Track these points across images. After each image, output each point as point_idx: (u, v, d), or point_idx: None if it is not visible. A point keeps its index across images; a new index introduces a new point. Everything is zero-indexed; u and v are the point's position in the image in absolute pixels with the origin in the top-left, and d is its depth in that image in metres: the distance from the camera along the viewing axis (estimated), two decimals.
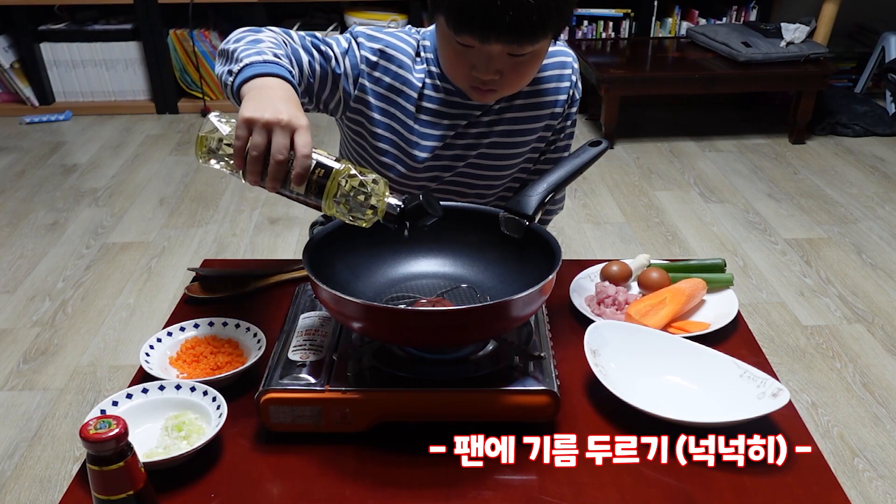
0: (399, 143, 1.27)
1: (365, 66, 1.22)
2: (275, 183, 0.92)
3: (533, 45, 1.09)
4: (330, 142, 3.59)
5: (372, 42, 1.22)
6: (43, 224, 2.88)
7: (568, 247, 2.72)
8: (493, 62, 1.11)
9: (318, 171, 0.91)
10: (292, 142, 0.90)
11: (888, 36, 3.86)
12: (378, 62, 1.22)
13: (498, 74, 1.12)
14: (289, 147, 0.90)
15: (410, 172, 1.30)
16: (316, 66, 1.16)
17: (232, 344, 1.12)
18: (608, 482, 0.91)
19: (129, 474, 0.77)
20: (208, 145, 0.94)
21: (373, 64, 1.22)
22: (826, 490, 0.91)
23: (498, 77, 1.13)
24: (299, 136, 0.90)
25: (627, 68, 3.65)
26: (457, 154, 1.30)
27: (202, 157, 0.96)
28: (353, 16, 3.85)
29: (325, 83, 1.20)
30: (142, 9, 3.75)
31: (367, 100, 1.24)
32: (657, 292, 1.22)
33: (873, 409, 1.96)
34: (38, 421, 1.91)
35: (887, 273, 2.58)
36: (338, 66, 1.20)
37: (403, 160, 1.28)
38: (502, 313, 0.94)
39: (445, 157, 1.30)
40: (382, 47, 1.22)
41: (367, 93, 1.23)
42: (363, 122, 1.27)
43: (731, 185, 3.22)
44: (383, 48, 1.22)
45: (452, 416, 0.97)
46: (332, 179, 0.91)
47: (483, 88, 1.15)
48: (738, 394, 0.99)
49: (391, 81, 1.23)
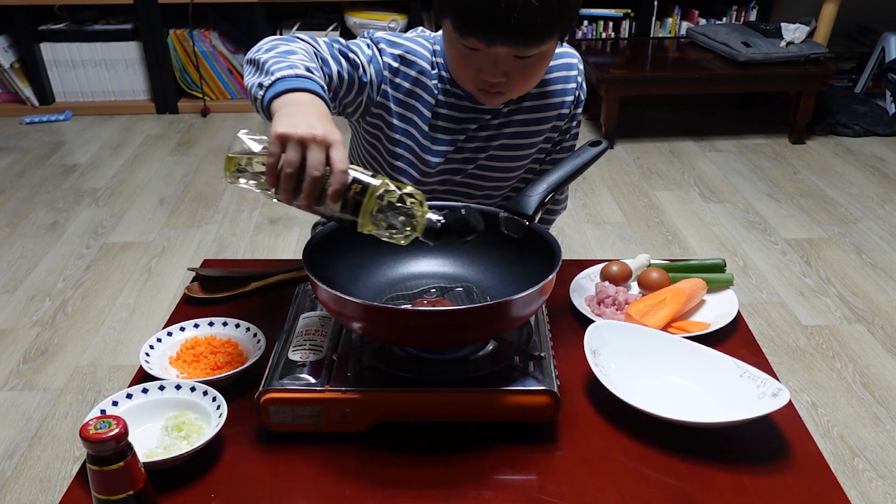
0: (414, 148, 1.27)
1: (387, 73, 1.22)
2: (310, 200, 0.88)
3: (539, 46, 1.09)
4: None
5: (393, 48, 1.22)
6: (43, 224, 2.88)
7: (568, 247, 2.72)
8: (500, 65, 1.11)
9: (354, 187, 0.87)
10: (327, 157, 0.87)
11: (888, 36, 3.86)
12: (399, 68, 1.22)
13: (505, 77, 1.12)
14: (324, 163, 0.86)
15: (422, 177, 1.30)
16: (344, 74, 1.15)
17: (232, 344, 1.12)
18: (608, 482, 0.92)
19: (129, 474, 0.77)
20: (238, 164, 0.91)
21: (394, 70, 1.22)
22: (826, 490, 0.91)
23: (505, 79, 1.13)
24: (335, 151, 0.87)
25: (627, 68, 3.65)
26: (467, 157, 1.30)
27: (230, 177, 0.92)
28: (353, 16, 3.85)
29: (351, 90, 1.18)
30: (142, 9, 3.75)
31: (388, 105, 1.24)
32: (657, 292, 1.22)
33: (873, 409, 1.96)
34: (38, 421, 1.91)
35: (887, 273, 2.58)
36: (364, 75, 1.19)
37: (417, 165, 1.29)
38: (502, 313, 0.94)
39: (456, 161, 1.30)
40: (403, 53, 1.22)
41: (388, 99, 1.23)
42: (382, 127, 1.27)
43: (731, 185, 3.22)
44: (403, 54, 1.22)
45: (452, 416, 0.97)
46: (369, 195, 0.87)
47: (491, 91, 1.15)
48: (738, 394, 0.99)
49: (411, 87, 1.23)
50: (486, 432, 0.98)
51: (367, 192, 0.87)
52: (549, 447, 0.96)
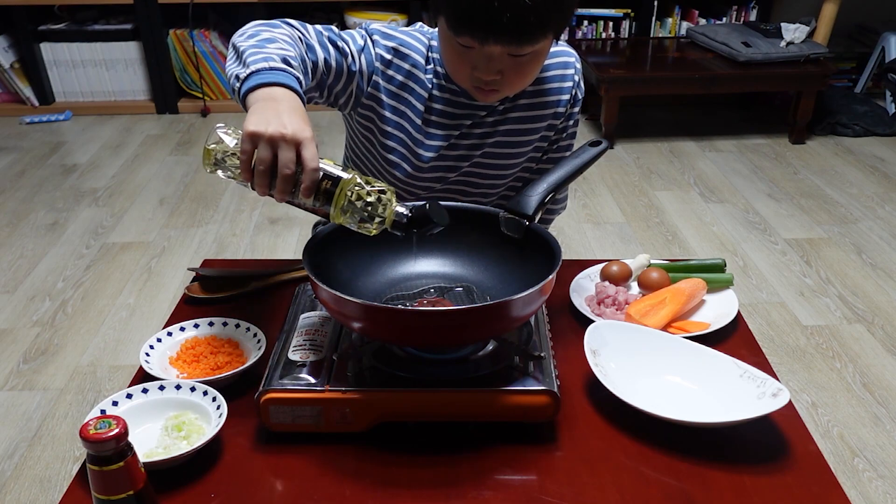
0: (407, 141, 1.27)
1: (379, 64, 1.22)
2: (283, 195, 0.92)
3: (532, 45, 1.09)
4: (330, 142, 3.59)
5: (387, 40, 1.22)
6: (43, 224, 2.88)
7: (568, 247, 2.72)
8: (494, 63, 1.11)
9: (325, 183, 0.92)
10: (299, 155, 0.90)
11: (888, 36, 3.86)
12: (392, 60, 1.22)
13: (499, 75, 1.13)
14: (295, 160, 0.90)
15: (416, 172, 1.30)
16: (332, 62, 1.16)
17: (232, 344, 1.12)
18: (608, 482, 0.92)
19: (129, 474, 0.76)
20: (214, 157, 0.95)
21: (387, 62, 1.22)
22: (826, 490, 0.91)
23: (499, 77, 1.13)
24: (305, 148, 0.90)
25: (627, 68, 3.65)
26: (461, 154, 1.30)
27: (209, 168, 0.96)
28: (353, 16, 3.85)
29: (340, 78, 1.19)
30: (142, 9, 3.75)
31: (379, 97, 1.24)
32: (657, 292, 1.22)
33: (873, 409, 1.96)
34: (38, 421, 1.91)
35: (887, 273, 2.58)
36: (353, 64, 1.19)
37: (410, 159, 1.29)
38: (502, 313, 0.94)
39: (450, 158, 1.30)
40: (397, 45, 1.22)
41: (379, 90, 1.23)
42: (374, 119, 1.27)
43: (731, 185, 3.22)
44: (397, 46, 1.22)
45: (452, 416, 0.97)
46: (339, 190, 0.92)
47: (485, 89, 1.16)
48: (738, 394, 0.99)
49: (403, 80, 1.24)
50: (486, 432, 0.98)
51: (338, 187, 0.92)
52: (549, 447, 0.96)
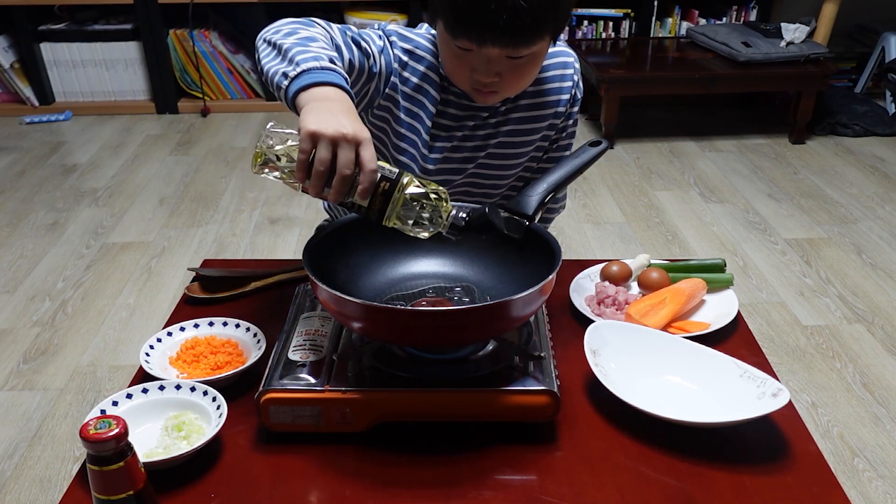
0: (418, 143, 1.28)
1: (397, 66, 1.23)
2: (339, 196, 0.91)
3: (529, 47, 1.10)
4: None
5: (403, 42, 1.23)
6: (43, 224, 2.88)
7: (568, 247, 2.72)
8: (492, 65, 1.12)
9: (382, 185, 0.91)
10: (357, 155, 0.90)
11: (888, 36, 3.86)
12: (408, 62, 1.23)
13: (497, 77, 1.13)
14: (354, 161, 0.90)
15: (423, 175, 1.30)
16: (356, 62, 1.16)
17: (232, 344, 1.12)
18: (608, 482, 0.92)
19: (129, 474, 0.77)
20: (266, 157, 0.93)
21: (403, 63, 1.23)
22: (826, 490, 0.91)
23: (498, 79, 1.14)
24: (364, 149, 0.90)
25: (627, 68, 3.65)
26: (466, 157, 1.31)
27: (257, 168, 0.95)
28: (353, 16, 3.85)
29: (360, 78, 1.19)
30: (142, 9, 3.75)
31: (396, 98, 1.25)
32: (657, 292, 1.22)
33: (873, 409, 1.96)
34: (38, 421, 1.91)
35: (887, 273, 2.58)
36: (375, 65, 1.20)
37: (419, 161, 1.29)
38: (502, 313, 0.94)
39: (455, 160, 1.31)
40: (412, 48, 1.23)
41: (397, 91, 1.24)
42: (389, 121, 1.27)
43: (731, 185, 3.22)
44: (413, 49, 1.23)
45: (452, 416, 0.97)
46: (397, 191, 0.91)
47: (484, 91, 1.16)
48: (738, 394, 0.99)
49: (419, 82, 1.24)
50: (486, 432, 0.98)
51: (396, 189, 0.91)
52: (549, 447, 0.96)
